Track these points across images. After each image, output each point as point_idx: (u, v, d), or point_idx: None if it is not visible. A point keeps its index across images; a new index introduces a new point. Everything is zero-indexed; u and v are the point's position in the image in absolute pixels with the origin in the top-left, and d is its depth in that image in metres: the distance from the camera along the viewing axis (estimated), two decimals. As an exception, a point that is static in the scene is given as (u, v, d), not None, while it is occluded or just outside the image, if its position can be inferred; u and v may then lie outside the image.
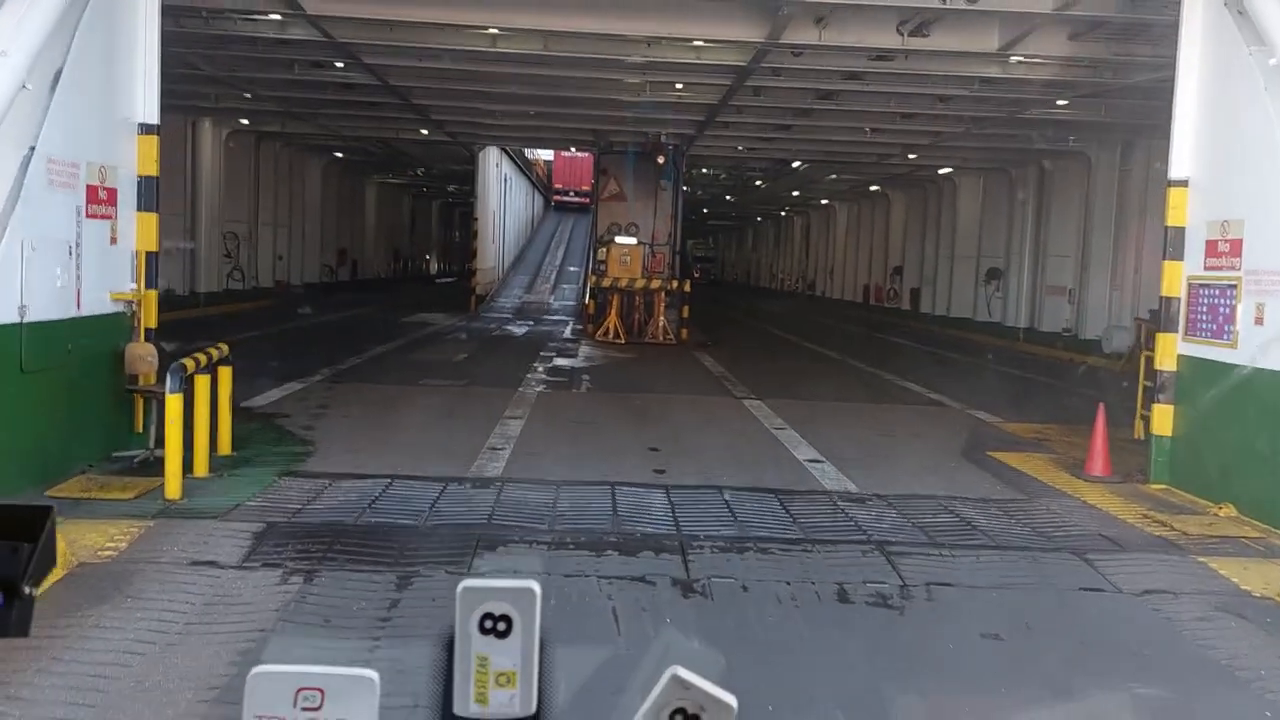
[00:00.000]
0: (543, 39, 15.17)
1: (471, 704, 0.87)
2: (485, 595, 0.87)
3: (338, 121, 26.23)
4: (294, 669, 0.84)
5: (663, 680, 0.82)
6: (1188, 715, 4.88)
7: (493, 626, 0.87)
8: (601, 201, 27.96)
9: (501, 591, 0.88)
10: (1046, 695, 4.94)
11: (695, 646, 5.10)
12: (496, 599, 0.87)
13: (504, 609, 0.87)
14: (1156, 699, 4.92)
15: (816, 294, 51.13)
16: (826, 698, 4.75)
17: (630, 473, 9.29)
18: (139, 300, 9.01)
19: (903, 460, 10.56)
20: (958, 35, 14.07)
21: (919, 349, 25.82)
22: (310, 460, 9.27)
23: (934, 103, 19.47)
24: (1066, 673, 5.14)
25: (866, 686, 4.95)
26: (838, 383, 17.50)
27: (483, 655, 0.87)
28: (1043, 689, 5.02)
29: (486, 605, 0.87)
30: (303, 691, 0.84)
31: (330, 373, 15.49)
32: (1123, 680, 5.07)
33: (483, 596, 0.87)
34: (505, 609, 0.87)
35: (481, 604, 0.87)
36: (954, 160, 28.64)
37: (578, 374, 16.97)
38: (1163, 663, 5.42)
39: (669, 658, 1.27)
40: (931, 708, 4.81)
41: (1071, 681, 5.02)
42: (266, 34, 15.52)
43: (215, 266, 28.40)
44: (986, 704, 4.77)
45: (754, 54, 15.18)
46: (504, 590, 0.88)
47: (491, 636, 0.87)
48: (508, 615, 0.87)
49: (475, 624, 0.87)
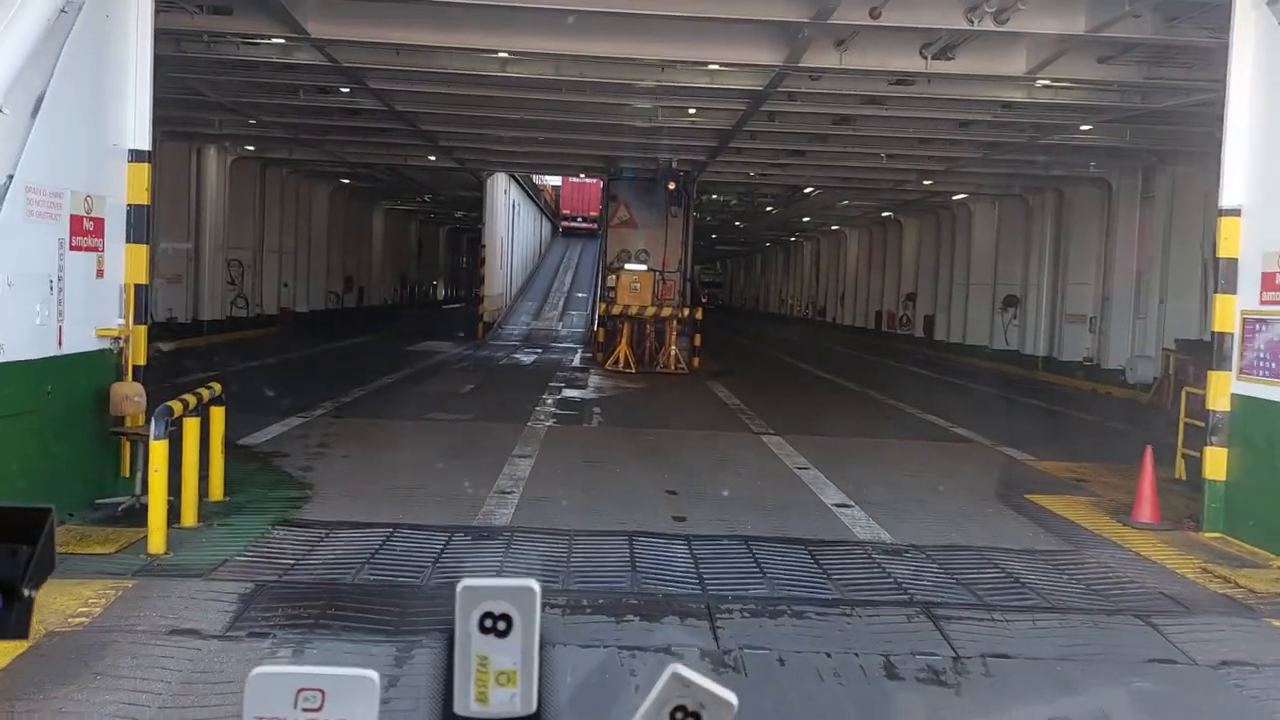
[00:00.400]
0: (554, 63, 14.73)
1: (472, 703, 0.87)
2: (485, 594, 0.87)
3: (344, 148, 25.86)
4: (294, 669, 0.85)
5: (663, 678, 0.83)
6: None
7: (493, 626, 0.87)
8: (611, 228, 27.50)
9: (501, 590, 0.88)
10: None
11: None
12: (496, 598, 0.87)
13: (504, 608, 0.87)
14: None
15: (827, 320, 50.60)
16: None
17: (648, 520, 8.71)
18: (127, 336, 8.48)
19: (936, 504, 9.96)
20: (983, 58, 13.58)
21: (937, 379, 25.22)
22: (307, 506, 8.70)
23: (953, 128, 18.98)
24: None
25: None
26: (857, 416, 16.90)
27: (483, 654, 0.87)
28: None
29: (486, 604, 0.87)
30: (303, 692, 0.84)
31: (333, 406, 14.95)
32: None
33: (483, 595, 0.87)
34: (505, 608, 0.87)
35: (481, 603, 0.87)
36: (969, 186, 28.17)
37: (588, 406, 16.41)
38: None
39: None
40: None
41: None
42: (270, 58, 15.09)
43: (219, 294, 27.95)
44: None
45: (771, 78, 14.71)
46: (504, 589, 0.88)
47: (492, 636, 0.86)
48: (508, 614, 0.87)
49: (475, 623, 0.87)
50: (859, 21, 11.89)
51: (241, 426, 12.17)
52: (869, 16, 11.75)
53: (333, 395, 15.92)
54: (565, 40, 13.38)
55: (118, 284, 8.46)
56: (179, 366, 19.54)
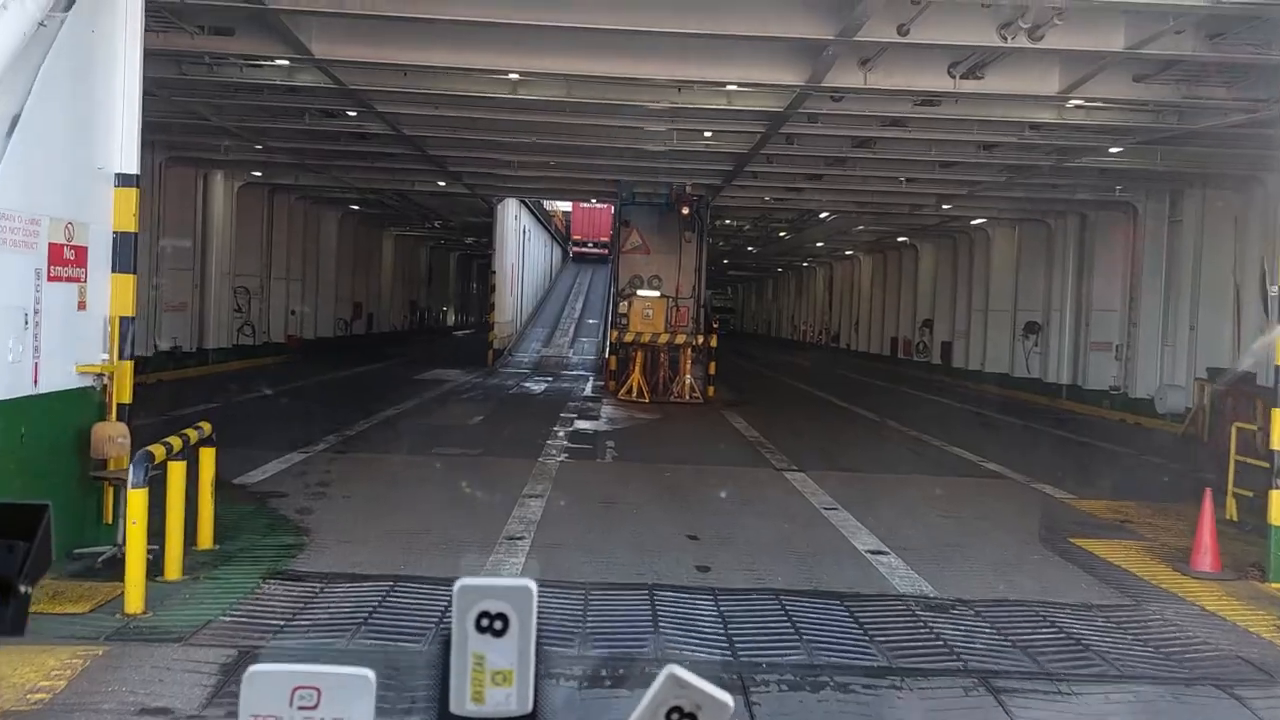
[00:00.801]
0: (566, 84, 14.22)
1: (468, 702, 0.87)
2: (482, 594, 0.86)
3: (352, 173, 25.43)
4: (290, 668, 0.85)
5: (659, 678, 0.83)
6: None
7: (489, 625, 0.86)
8: (623, 254, 26.97)
9: (498, 590, 0.87)
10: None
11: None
12: (493, 597, 0.86)
13: (500, 607, 0.86)
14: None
15: (841, 346, 49.94)
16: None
17: (669, 569, 8.07)
18: (111, 372, 7.92)
19: (978, 551, 9.29)
20: (1015, 77, 13.01)
21: (960, 408, 24.53)
22: (303, 556, 8.09)
23: (976, 150, 18.43)
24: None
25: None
26: (881, 448, 16.24)
27: (479, 654, 0.86)
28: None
29: (483, 604, 0.86)
30: (299, 690, 0.84)
31: (336, 440, 14.36)
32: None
33: (479, 595, 0.86)
34: (502, 607, 0.86)
35: (478, 602, 0.86)
36: (990, 210, 27.57)
37: (601, 439, 15.78)
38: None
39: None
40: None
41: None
42: (274, 80, 14.63)
43: (225, 322, 27.48)
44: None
45: (791, 99, 14.17)
46: (501, 589, 0.87)
47: (488, 635, 0.86)
48: (504, 614, 0.86)
49: (472, 622, 0.86)
50: (886, 39, 11.35)
51: (239, 463, 11.61)
52: (897, 33, 11.21)
53: (337, 428, 15.35)
54: (577, 60, 12.87)
55: (101, 316, 7.90)
56: (180, 397, 19.02)
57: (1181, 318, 22.26)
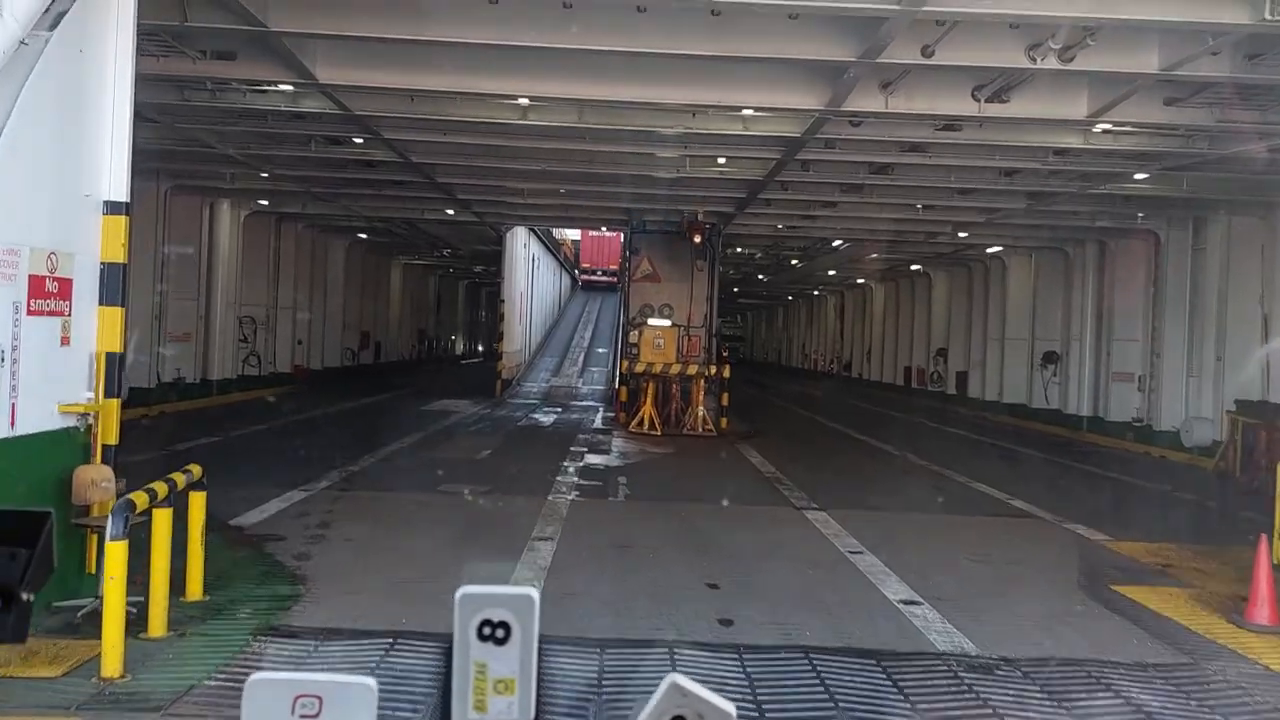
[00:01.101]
0: (577, 109, 13.84)
1: (470, 711, 0.86)
2: (484, 602, 0.86)
3: (360, 202, 25.11)
4: (292, 676, 0.83)
5: (662, 687, 0.84)
6: None
7: (491, 633, 0.85)
8: (633, 282, 26.56)
9: (500, 598, 0.86)
10: None
11: None
12: (495, 605, 0.86)
13: (503, 616, 0.86)
14: None
15: (853, 375, 49.39)
16: None
17: (689, 623, 7.54)
18: (97, 412, 7.45)
19: (1016, 600, 8.73)
20: (1041, 100, 12.58)
21: (978, 440, 23.96)
22: (298, 608, 7.57)
23: (996, 177, 17.98)
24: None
25: None
26: (902, 485, 15.67)
27: (481, 662, 0.85)
28: None
29: (485, 612, 0.85)
30: (301, 699, 0.82)
31: (339, 476, 13.87)
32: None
33: (481, 603, 0.86)
34: (504, 616, 0.86)
35: (480, 611, 0.85)
36: (1007, 238, 27.09)
37: (613, 476, 15.25)
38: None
39: None
40: None
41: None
42: (278, 106, 14.28)
43: (230, 352, 27.10)
44: None
45: (809, 124, 13.76)
46: (503, 597, 0.86)
47: (490, 643, 0.85)
48: (506, 622, 0.86)
49: (474, 631, 0.85)
50: (910, 60, 10.92)
51: (238, 503, 11.16)
52: (921, 55, 10.79)
53: (340, 463, 14.86)
54: (589, 84, 12.47)
55: (87, 352, 7.44)
56: (182, 431, 18.57)
57: (1207, 348, 21.69)
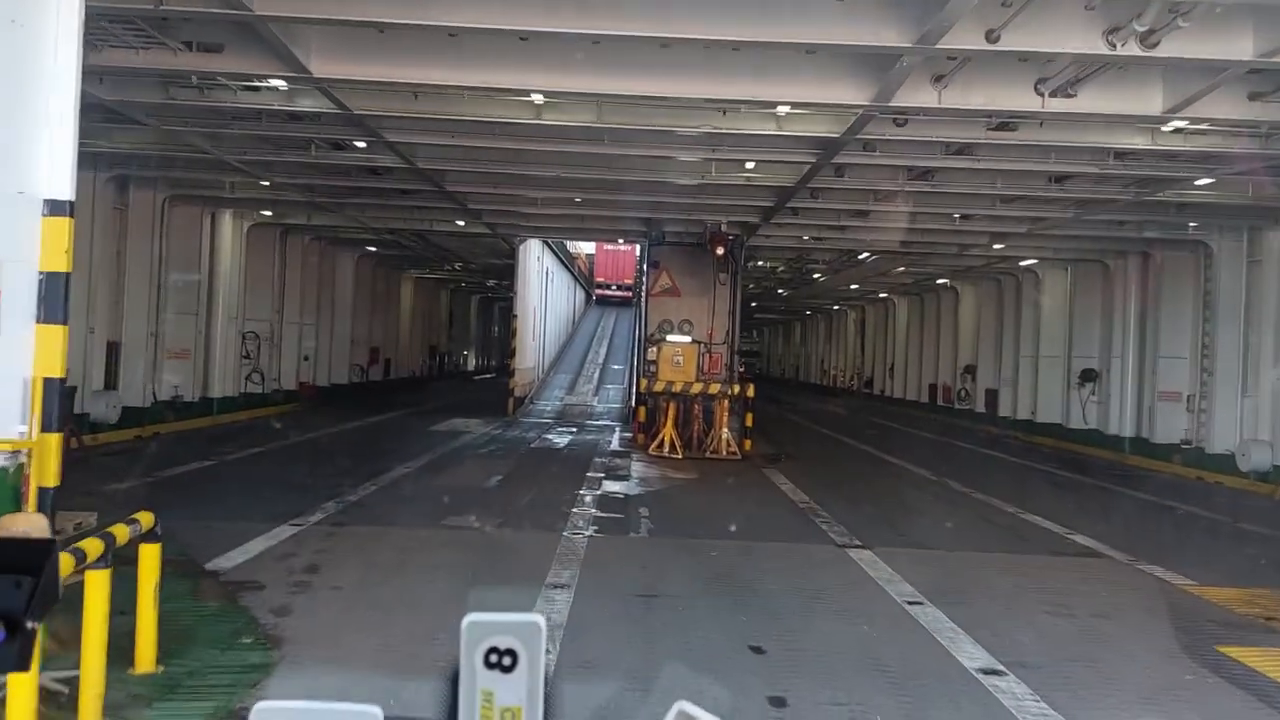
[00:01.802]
0: (596, 106, 12.69)
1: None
2: (490, 629, 0.85)
3: (367, 212, 24.03)
4: (297, 704, 0.83)
5: (670, 715, 0.85)
6: None
7: (498, 661, 0.85)
8: (652, 296, 25.40)
9: (507, 625, 0.86)
10: None
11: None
12: (502, 633, 0.85)
13: (509, 643, 0.85)
14: None
15: (875, 392, 48.06)
16: None
17: (734, 701, 6.29)
18: (31, 449, 6.28)
19: (1112, 666, 7.45)
20: (1113, 95, 11.35)
21: (1018, 464, 22.62)
22: (270, 682, 6.35)
23: (1046, 183, 16.75)
24: None
25: None
26: (949, 516, 14.38)
27: (488, 690, 0.85)
28: None
29: (492, 639, 0.85)
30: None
31: (335, 508, 12.68)
32: None
33: (488, 630, 0.85)
34: (511, 643, 0.85)
35: (486, 638, 0.85)
36: (1045, 250, 25.79)
37: (634, 506, 14.01)
38: None
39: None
40: None
41: None
42: (271, 105, 13.18)
43: (232, 369, 26.00)
44: None
45: (850, 123, 12.57)
46: (509, 624, 0.86)
47: (497, 671, 0.85)
48: (513, 650, 0.85)
49: (480, 658, 0.85)
50: (972, 45, 9.71)
51: (219, 540, 10.00)
52: (985, 40, 9.58)
53: (338, 491, 13.68)
54: (608, 77, 11.30)
55: (20, 379, 6.28)
56: (174, 453, 17.46)
57: (1263, 366, 20.33)
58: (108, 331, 20.42)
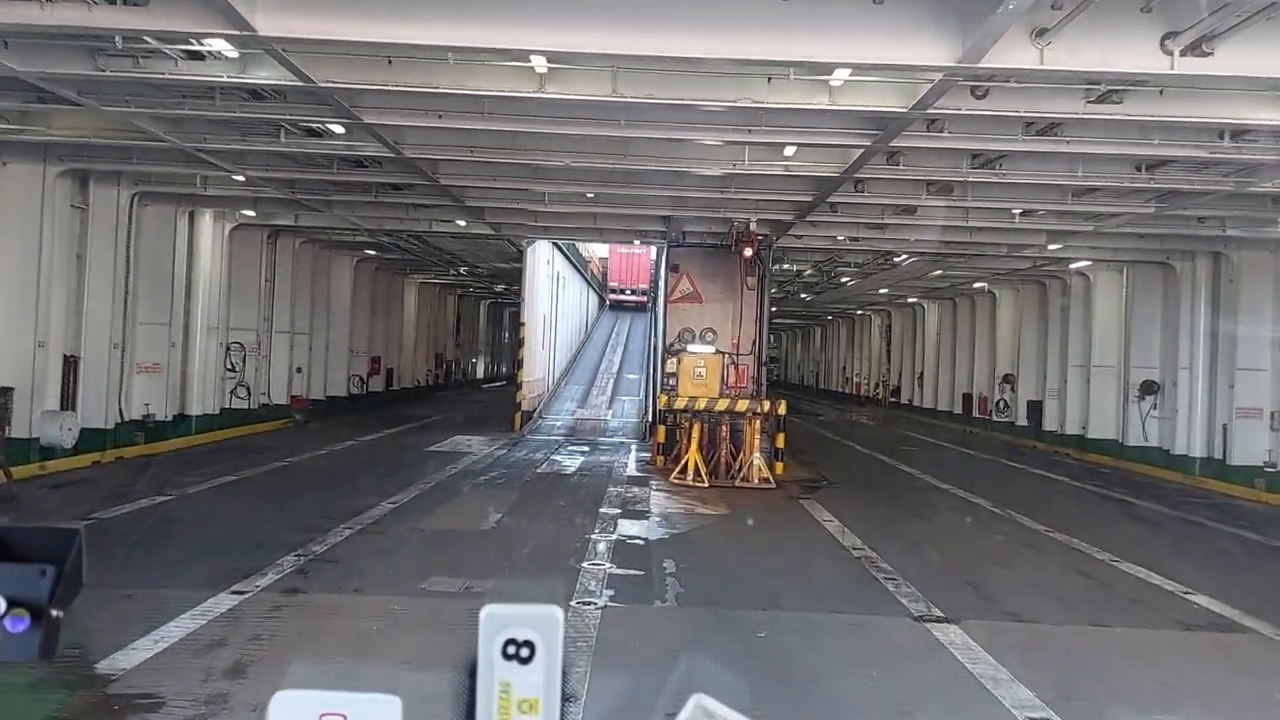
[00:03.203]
0: (610, 73, 10.42)
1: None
2: (508, 620, 0.85)
3: (356, 211, 21.81)
4: (317, 693, 0.83)
5: (687, 707, 0.83)
6: None
7: (515, 652, 0.84)
8: (671, 303, 23.12)
9: (525, 616, 0.85)
10: None
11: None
12: (520, 624, 0.85)
13: (527, 634, 0.84)
14: None
15: (902, 402, 45.64)
16: None
17: None
18: None
19: None
20: (1260, 52, 9.02)
21: (1084, 490, 20.22)
22: None
23: (1134, 172, 14.40)
24: None
25: None
26: (1038, 570, 12.04)
27: (505, 681, 0.84)
28: None
29: (509, 630, 0.84)
30: (326, 716, 0.82)
31: (294, 564, 10.43)
32: None
33: (505, 621, 0.85)
34: (528, 634, 0.84)
35: (504, 629, 0.84)
36: (1104, 251, 23.37)
37: (657, 559, 11.68)
38: None
39: None
40: None
41: None
42: (220, 76, 10.97)
43: (212, 384, 23.80)
44: None
45: (923, 92, 10.25)
46: (527, 615, 0.85)
47: (514, 662, 0.84)
48: (531, 641, 0.84)
49: (498, 649, 0.84)
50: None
51: (129, 620, 7.82)
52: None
53: (304, 539, 11.45)
54: (627, 32, 9.03)
55: None
56: (131, 484, 15.26)
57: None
58: (64, 344, 18.27)
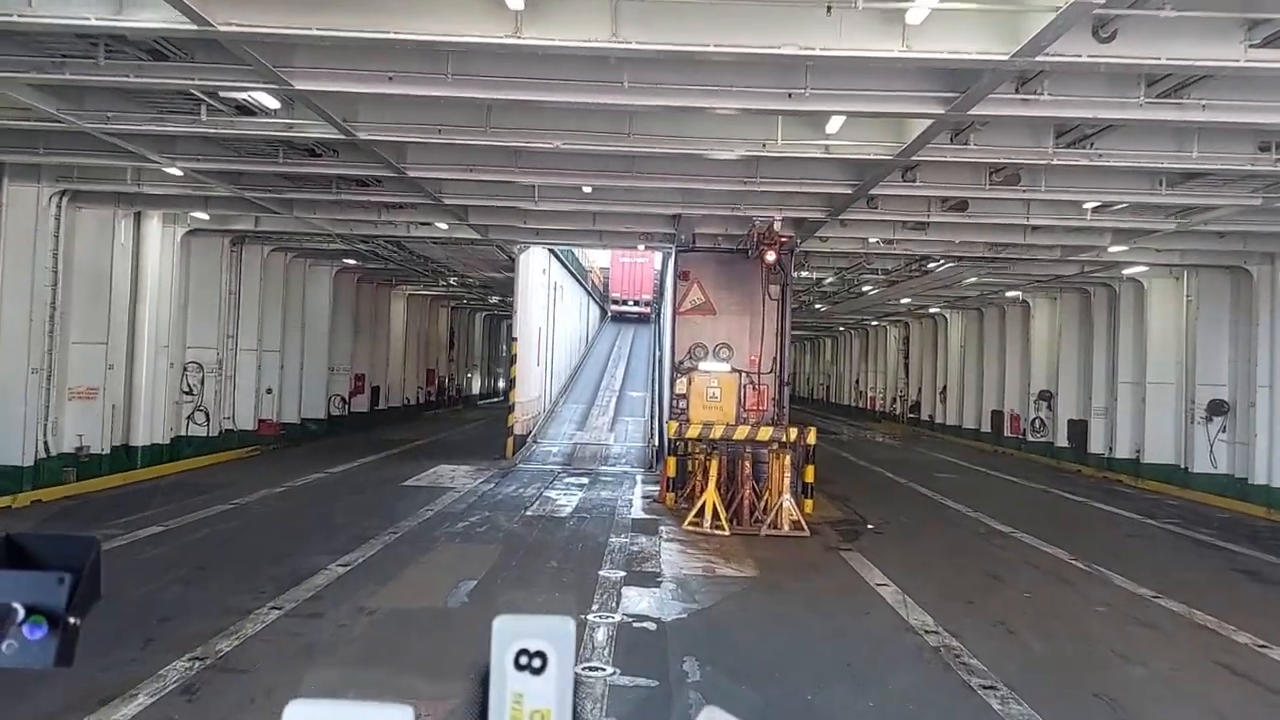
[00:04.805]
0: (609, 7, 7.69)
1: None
2: (521, 630, 0.85)
3: (319, 211, 19.07)
4: (330, 703, 0.83)
5: (699, 718, 0.83)
6: None
7: (528, 663, 0.84)
8: (680, 314, 20.38)
9: (537, 627, 0.85)
10: None
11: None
12: (532, 635, 0.85)
13: (540, 645, 0.84)
14: None
15: (923, 418, 42.87)
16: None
17: None
18: None
19: None
20: None
21: (1166, 532, 17.41)
22: None
23: (1256, 154, 11.68)
24: None
25: None
26: (1172, 665, 9.24)
27: (518, 692, 0.84)
28: None
29: (522, 641, 0.84)
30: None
31: (182, 674, 7.66)
32: None
33: (518, 632, 0.85)
34: (541, 645, 0.84)
35: (517, 640, 0.84)
36: (1169, 253, 20.66)
37: (672, 653, 8.88)
38: None
39: None
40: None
41: None
42: (92, 20, 8.25)
43: (163, 409, 21.06)
44: None
45: (1039, 28, 7.53)
46: (540, 626, 0.85)
47: (527, 673, 0.84)
48: (543, 651, 0.84)
49: (510, 660, 0.84)
50: None
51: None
52: None
53: (210, 629, 8.70)
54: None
55: None
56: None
57: None
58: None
